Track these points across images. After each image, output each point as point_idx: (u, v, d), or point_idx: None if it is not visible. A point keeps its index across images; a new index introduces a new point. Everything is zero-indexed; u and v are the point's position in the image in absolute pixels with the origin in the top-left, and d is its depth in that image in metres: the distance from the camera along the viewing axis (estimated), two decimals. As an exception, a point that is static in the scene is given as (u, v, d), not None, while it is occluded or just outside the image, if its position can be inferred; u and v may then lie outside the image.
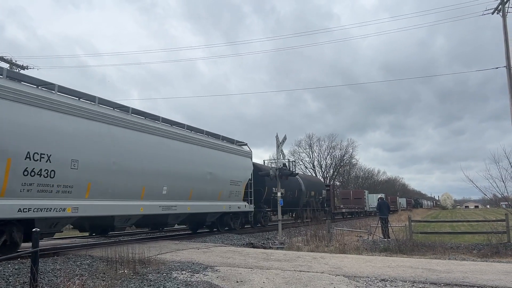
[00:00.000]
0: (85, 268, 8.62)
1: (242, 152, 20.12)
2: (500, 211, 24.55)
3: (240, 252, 11.49)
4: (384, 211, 18.92)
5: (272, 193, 23.52)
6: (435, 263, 9.77)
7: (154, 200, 13.57)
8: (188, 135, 15.77)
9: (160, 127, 14.28)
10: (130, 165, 12.52)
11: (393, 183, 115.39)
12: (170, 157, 14.36)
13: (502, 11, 23.09)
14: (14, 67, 28.59)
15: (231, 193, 18.30)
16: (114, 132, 12.13)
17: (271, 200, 23.67)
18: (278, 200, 19.16)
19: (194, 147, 15.94)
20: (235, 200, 18.78)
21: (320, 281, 7.27)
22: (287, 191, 25.95)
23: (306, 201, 30.38)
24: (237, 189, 18.92)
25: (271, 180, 20.67)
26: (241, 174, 19.43)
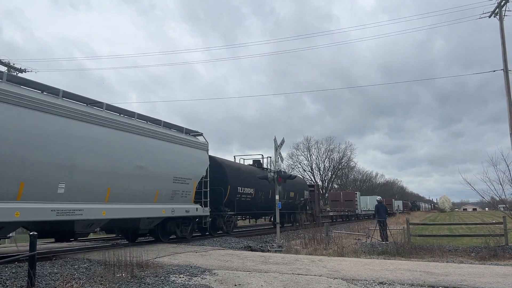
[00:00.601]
0: (82, 271, 8.59)
1: (194, 143, 16.11)
2: (498, 214, 24.58)
3: (238, 255, 11.48)
4: (382, 214, 18.93)
5: (237, 194, 20.14)
6: (433, 266, 9.78)
7: (42, 202, 9.89)
8: (106, 117, 11.85)
9: (54, 103, 10.27)
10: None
11: (391, 186, 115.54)
12: (73, 145, 10.60)
13: (499, 15, 23.23)
14: (12, 70, 28.54)
15: (175, 194, 14.52)
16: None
17: (236, 202, 20.11)
18: (276, 204, 19.14)
19: (116, 133, 12.08)
20: (181, 202, 14.97)
21: (318, 284, 7.27)
22: (257, 191, 22.22)
23: (284, 203, 25.86)
24: (185, 188, 15.01)
25: (234, 177, 19.23)
26: (191, 169, 15.55)
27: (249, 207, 21.84)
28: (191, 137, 16.30)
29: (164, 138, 14.25)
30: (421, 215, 69.41)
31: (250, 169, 23.52)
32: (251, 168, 23.91)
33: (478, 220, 36.23)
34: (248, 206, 21.63)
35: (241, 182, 20.53)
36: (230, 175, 19.50)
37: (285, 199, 25.42)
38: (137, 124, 13.14)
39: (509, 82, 22.22)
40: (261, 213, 25.44)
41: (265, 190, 22.98)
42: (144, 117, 13.90)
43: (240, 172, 21.20)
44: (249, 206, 21.73)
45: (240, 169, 21.70)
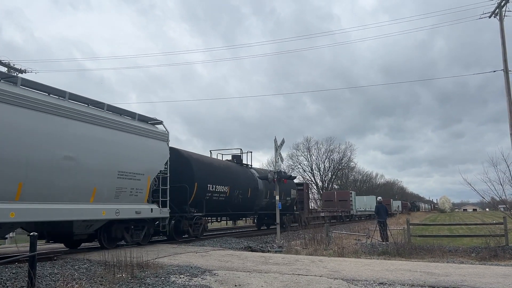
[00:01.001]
0: (83, 272, 8.60)
1: (149, 132, 13.82)
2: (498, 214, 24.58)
3: (238, 256, 11.48)
4: (382, 214, 18.94)
5: (207, 192, 17.67)
6: (434, 266, 9.77)
7: None
8: (20, 94, 9.61)
9: None
10: None
11: (391, 186, 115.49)
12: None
13: (499, 15, 23.23)
14: (12, 70, 28.55)
15: (120, 191, 12.22)
16: None
17: (206, 201, 17.57)
18: (277, 204, 19.14)
19: (33, 115, 9.83)
20: (130, 201, 12.67)
21: (318, 284, 7.27)
22: (233, 190, 19.73)
23: (266, 203, 23.49)
24: (135, 185, 12.79)
25: (203, 173, 17.10)
26: (145, 163, 13.26)
27: (223, 207, 19.43)
28: (147, 125, 14.03)
29: (107, 124, 11.85)
30: (421, 216, 69.38)
31: (226, 165, 21.11)
32: (226, 164, 21.45)
33: (478, 220, 36.22)
34: (222, 206, 19.29)
35: (212, 179, 17.98)
36: (198, 170, 17.08)
37: (267, 199, 23.35)
38: (67, 106, 10.83)
39: (509, 82, 22.22)
40: (238, 214, 22.22)
41: (243, 189, 20.78)
42: (81, 99, 11.62)
43: (212, 168, 18.72)
44: (223, 206, 19.35)
45: (212, 164, 19.25)
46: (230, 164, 21.76)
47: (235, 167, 21.70)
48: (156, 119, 14.62)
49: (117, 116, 12.74)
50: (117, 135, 12.36)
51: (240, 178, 20.93)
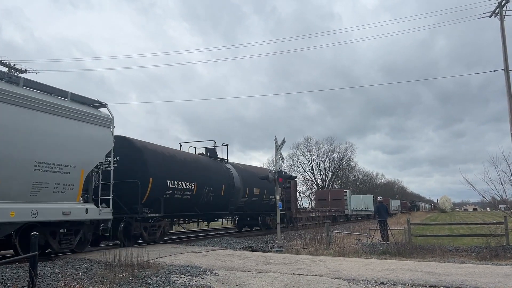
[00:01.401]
0: (83, 272, 8.60)
1: (85, 115, 11.40)
2: (499, 214, 24.57)
3: (239, 256, 11.48)
4: (383, 214, 18.95)
5: (167, 189, 15.17)
6: (434, 266, 9.77)
7: None
8: None
9: None
10: None
11: (392, 186, 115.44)
12: None
13: (499, 14, 23.22)
14: (12, 70, 28.56)
15: (39, 187, 9.83)
16: None
17: (165, 200, 15.02)
18: (277, 204, 19.15)
19: None
20: (54, 199, 10.28)
21: (319, 284, 7.27)
22: (201, 187, 17.09)
23: (244, 202, 21.07)
24: (62, 179, 10.40)
25: (161, 167, 14.84)
26: (77, 152, 10.90)
27: (189, 207, 16.92)
28: (84, 107, 11.61)
29: (20, 102, 9.53)
30: (422, 215, 69.32)
31: (193, 158, 18.27)
32: (194, 157, 18.62)
33: (479, 220, 36.23)
34: (187, 205, 16.75)
35: (173, 174, 15.44)
36: (154, 163, 14.63)
37: (247, 197, 21.08)
38: None
39: (509, 81, 22.20)
40: (209, 215, 19.37)
41: (215, 186, 18.18)
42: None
43: (174, 161, 16.08)
44: (189, 205, 16.84)
45: (175, 157, 16.46)
46: (199, 157, 19.03)
47: (206, 161, 19.04)
48: (97, 101, 12.24)
49: (38, 94, 10.36)
50: (37, 117, 9.91)
51: (212, 174, 18.31)
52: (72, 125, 10.91)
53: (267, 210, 23.78)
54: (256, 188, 22.08)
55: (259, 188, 22.29)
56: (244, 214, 22.94)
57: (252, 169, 24.45)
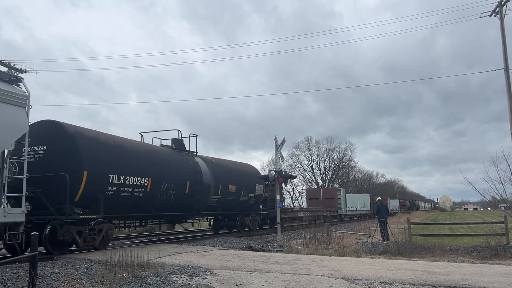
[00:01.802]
0: (83, 271, 8.61)
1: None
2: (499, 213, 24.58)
3: (239, 255, 11.48)
4: (383, 213, 18.96)
5: (109, 186, 12.54)
6: (434, 266, 9.77)
7: None
8: None
9: None
10: None
11: (392, 185, 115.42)
12: None
13: (499, 14, 23.20)
14: (13, 70, 28.56)
15: None
16: None
17: (105, 199, 12.47)
18: (277, 204, 19.15)
19: None
20: None
21: (319, 284, 7.27)
22: (157, 183, 14.52)
23: (217, 201, 18.50)
24: None
25: (100, 157, 12.35)
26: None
27: (140, 206, 14.21)
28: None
29: None
30: (422, 215, 69.19)
31: (148, 149, 15.42)
32: (150, 148, 15.76)
33: (479, 219, 36.22)
34: (139, 205, 14.10)
35: (118, 167, 12.90)
36: (90, 153, 12.13)
37: (219, 195, 18.43)
38: None
39: (509, 81, 22.19)
40: (168, 216, 16.65)
41: (176, 182, 15.50)
42: None
43: (120, 152, 13.40)
44: (141, 205, 14.16)
45: (122, 147, 13.73)
46: (156, 149, 16.20)
47: (166, 153, 16.32)
48: (12, 74, 10.67)
49: None
50: None
51: (173, 168, 15.68)
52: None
53: (246, 209, 21.20)
54: (232, 185, 19.36)
55: (235, 185, 19.65)
56: (216, 215, 20.38)
57: (228, 163, 21.34)
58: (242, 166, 22.25)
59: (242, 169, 21.70)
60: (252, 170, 23.29)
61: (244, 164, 23.56)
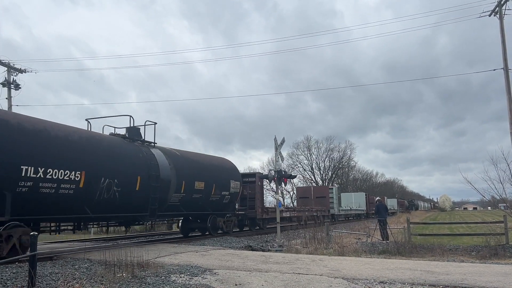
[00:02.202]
0: (83, 271, 8.61)
1: None
2: (499, 213, 24.60)
3: (238, 255, 11.49)
4: (383, 213, 18.98)
5: (21, 180, 9.97)
6: (434, 265, 9.78)
7: None
8: None
9: None
10: None
11: (392, 185, 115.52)
12: None
13: (499, 13, 23.22)
14: (12, 70, 28.55)
15: None
16: None
17: (15, 196, 9.85)
18: (277, 204, 19.16)
19: None
20: None
21: (318, 283, 7.27)
22: (94, 178, 11.93)
23: (180, 199, 15.75)
24: None
25: (3, 146, 9.75)
26: None
27: (73, 206, 11.57)
28: None
29: None
30: (421, 215, 69.14)
31: (84, 136, 12.58)
32: (86, 135, 12.85)
33: (479, 219, 36.25)
34: (70, 204, 11.43)
35: (37, 157, 10.41)
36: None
37: (182, 193, 15.74)
38: None
39: (509, 81, 22.22)
40: (113, 217, 14.01)
41: (123, 177, 12.90)
42: None
43: (39, 138, 10.84)
44: (73, 204, 11.52)
45: (43, 132, 11.05)
46: (95, 136, 13.23)
47: (110, 142, 13.51)
48: None
49: None
50: None
51: (118, 160, 13.06)
52: None
53: (219, 209, 18.62)
54: (199, 181, 16.59)
55: (204, 182, 16.88)
56: (178, 216, 18.00)
57: (196, 157, 18.25)
58: (214, 160, 19.53)
59: (215, 164, 19.01)
60: (227, 164, 20.33)
61: (218, 158, 20.68)
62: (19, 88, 28.60)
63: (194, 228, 19.34)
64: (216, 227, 18.48)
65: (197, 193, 16.70)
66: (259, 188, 23.23)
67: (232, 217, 20.02)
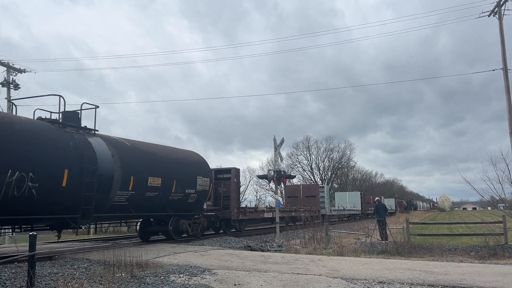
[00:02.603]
0: (82, 271, 8.61)
1: None
2: (498, 213, 24.63)
3: (238, 255, 11.49)
4: (382, 213, 19.00)
5: None
6: (433, 265, 9.79)
7: None
8: None
9: None
10: None
11: (391, 185, 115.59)
12: None
13: (498, 14, 23.24)
14: (12, 70, 28.55)
15: None
16: None
17: None
18: (276, 204, 19.17)
19: None
20: None
21: (317, 283, 7.28)
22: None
23: (127, 198, 13.16)
24: None
25: None
26: None
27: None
28: None
29: None
30: (421, 215, 69.11)
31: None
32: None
33: (478, 219, 36.29)
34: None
35: None
36: None
37: (130, 190, 13.11)
38: None
39: (508, 81, 22.25)
40: (27, 220, 11.06)
41: (42, 169, 10.46)
42: None
43: None
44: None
45: None
46: (3, 116, 10.74)
47: (28, 128, 10.83)
48: None
49: None
50: None
51: (36, 149, 10.55)
52: None
53: (182, 210, 16.02)
54: (155, 177, 14.05)
55: (161, 178, 14.28)
56: (126, 217, 14.99)
57: (153, 148, 15.29)
58: (177, 153, 16.55)
59: (177, 157, 16.12)
60: (194, 158, 17.44)
61: (183, 150, 17.66)
62: (19, 88, 28.60)
63: (156, 231, 16.78)
64: (179, 231, 15.89)
65: (152, 191, 14.04)
66: (235, 185, 20.86)
67: (201, 219, 17.34)
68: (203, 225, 17.49)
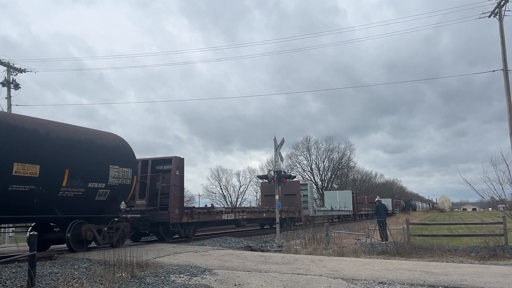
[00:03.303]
0: (82, 271, 8.61)
1: None
2: (499, 214, 24.63)
3: (238, 255, 11.50)
4: (382, 213, 18.99)
5: None
6: (433, 266, 9.79)
7: None
8: None
9: None
10: None
11: (391, 185, 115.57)
12: None
13: (498, 14, 23.26)
14: (12, 70, 28.55)
15: None
16: None
17: None
18: (276, 204, 19.16)
19: None
20: None
21: (318, 284, 7.28)
22: None
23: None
24: None
25: None
26: None
27: None
28: None
29: None
30: (421, 215, 68.95)
31: None
32: None
33: (478, 220, 36.29)
34: None
35: None
36: None
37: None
38: None
39: (508, 82, 22.26)
40: None
41: None
42: None
43: None
44: None
45: None
46: None
47: None
48: None
49: None
50: None
51: None
52: None
53: (86, 212, 12.14)
54: (27, 163, 10.04)
55: (39, 165, 10.32)
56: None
57: (26, 122, 10.78)
58: (76, 133, 12.14)
59: (74, 138, 11.80)
60: (108, 141, 13.24)
61: (92, 130, 13.20)
62: (19, 88, 28.60)
63: (52, 239, 12.39)
64: (78, 240, 11.62)
65: (22, 183, 9.94)
66: (177, 179, 16.25)
67: (120, 223, 13.21)
68: (124, 231, 13.27)
